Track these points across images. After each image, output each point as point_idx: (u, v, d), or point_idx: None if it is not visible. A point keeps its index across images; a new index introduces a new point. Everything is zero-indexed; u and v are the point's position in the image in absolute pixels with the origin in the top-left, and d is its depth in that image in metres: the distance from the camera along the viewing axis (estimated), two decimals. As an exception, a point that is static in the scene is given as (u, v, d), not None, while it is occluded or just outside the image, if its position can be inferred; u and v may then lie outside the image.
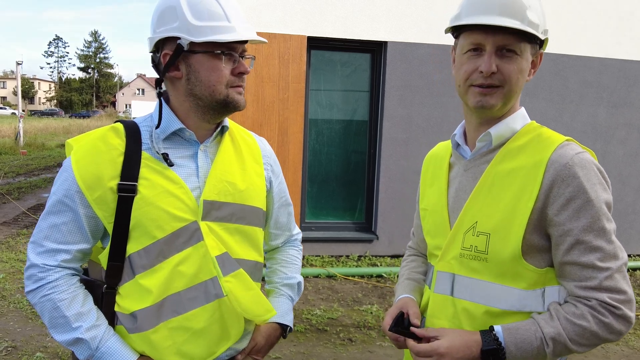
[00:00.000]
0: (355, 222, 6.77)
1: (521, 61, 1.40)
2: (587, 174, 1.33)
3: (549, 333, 1.31)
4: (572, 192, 1.32)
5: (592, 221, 1.32)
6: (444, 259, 1.53)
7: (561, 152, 1.36)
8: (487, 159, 1.48)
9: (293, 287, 1.83)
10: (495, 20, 1.35)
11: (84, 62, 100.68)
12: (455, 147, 1.60)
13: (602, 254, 1.32)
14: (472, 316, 1.44)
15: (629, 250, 7.04)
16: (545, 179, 1.34)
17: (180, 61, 1.47)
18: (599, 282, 1.31)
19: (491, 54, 1.38)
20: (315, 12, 6.12)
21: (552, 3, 6.56)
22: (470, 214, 1.46)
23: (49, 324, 1.46)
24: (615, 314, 1.30)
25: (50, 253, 1.46)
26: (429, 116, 6.44)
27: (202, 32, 1.42)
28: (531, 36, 1.39)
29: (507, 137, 1.47)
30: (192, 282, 1.49)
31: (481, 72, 1.39)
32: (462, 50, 1.45)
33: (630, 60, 6.86)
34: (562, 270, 1.37)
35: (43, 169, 15.22)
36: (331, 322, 4.80)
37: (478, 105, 1.43)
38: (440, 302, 1.53)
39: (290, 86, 6.11)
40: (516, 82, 1.41)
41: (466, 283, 1.46)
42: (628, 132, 7.01)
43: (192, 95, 1.49)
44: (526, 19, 1.36)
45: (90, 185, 1.44)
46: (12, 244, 7.09)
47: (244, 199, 1.60)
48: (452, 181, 1.58)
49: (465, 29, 1.43)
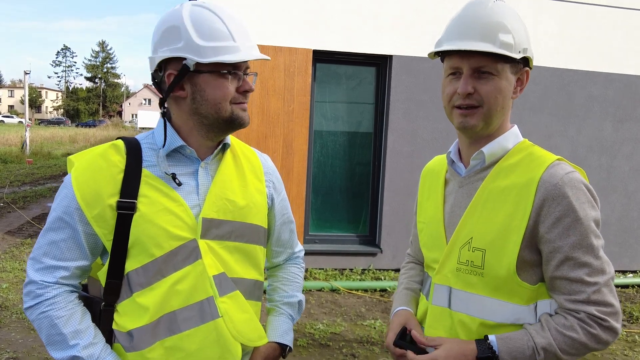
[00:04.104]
0: (359, 235, 6.75)
1: (499, 81, 1.47)
2: (576, 193, 1.40)
3: (540, 343, 1.38)
4: (562, 211, 1.39)
5: (580, 238, 1.39)
6: (440, 272, 1.59)
7: (552, 171, 1.43)
8: (480, 176, 1.55)
9: (294, 306, 1.81)
10: (468, 45, 1.44)
11: (91, 72, 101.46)
12: (450, 163, 1.67)
13: (590, 269, 1.39)
14: (468, 328, 1.50)
15: (634, 267, 6.98)
16: (537, 198, 1.41)
17: (185, 81, 1.46)
18: (587, 295, 1.38)
19: (467, 76, 1.47)
20: (320, 26, 6.14)
21: (557, 18, 6.57)
22: (466, 230, 1.53)
23: (46, 341, 1.45)
24: (603, 325, 1.38)
25: (48, 270, 1.45)
26: (434, 129, 6.43)
27: (208, 52, 1.41)
28: (507, 57, 1.45)
29: (499, 155, 1.54)
30: (187, 301, 1.47)
31: (459, 93, 1.47)
32: (445, 73, 1.55)
33: (636, 75, 6.84)
34: (552, 284, 1.44)
35: (49, 178, 15.28)
36: (334, 336, 4.76)
37: (461, 125, 1.51)
38: (438, 313, 1.59)
39: (296, 98, 6.12)
40: (495, 102, 1.47)
41: (462, 296, 1.52)
42: (634, 147, 6.97)
43: (197, 114, 1.49)
44: (498, 41, 1.43)
45: (89, 203, 1.43)
46: (16, 254, 7.09)
47: (244, 217, 1.58)
48: (448, 197, 1.64)
49: (446, 53, 1.52)
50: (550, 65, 6.54)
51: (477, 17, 1.47)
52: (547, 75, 6.56)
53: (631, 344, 4.87)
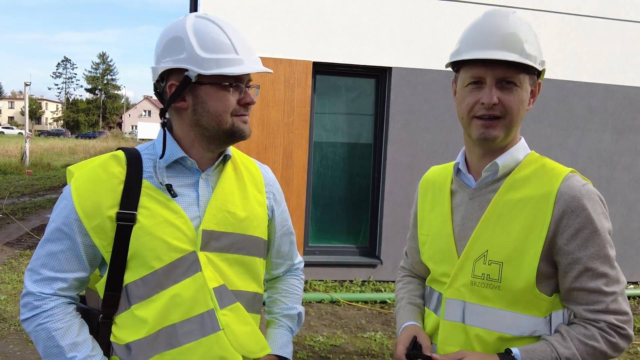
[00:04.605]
0: (359, 246, 6.73)
1: (521, 92, 1.47)
2: (593, 205, 1.42)
3: (563, 354, 1.38)
4: (581, 223, 1.40)
5: (598, 249, 1.41)
6: (452, 286, 1.55)
7: (568, 183, 1.44)
8: (493, 188, 1.53)
9: (293, 318, 1.79)
10: (494, 54, 1.42)
11: (92, 83, 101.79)
12: (456, 173, 1.65)
13: (607, 280, 1.41)
14: (484, 342, 1.49)
15: (635, 277, 6.95)
16: (556, 210, 1.42)
17: (186, 92, 1.46)
18: (606, 305, 1.40)
19: (492, 86, 1.45)
20: (320, 38, 6.17)
21: (557, 30, 6.60)
22: (480, 242, 1.50)
23: (43, 354, 1.43)
24: (621, 333, 1.41)
25: (46, 281, 1.44)
26: (433, 141, 6.43)
27: (210, 64, 1.41)
28: (529, 68, 1.46)
29: (511, 167, 1.53)
30: (188, 314, 1.46)
31: (483, 103, 1.45)
32: (464, 83, 1.51)
33: (635, 87, 6.87)
34: (569, 295, 1.45)
35: (48, 189, 15.26)
36: (334, 349, 4.73)
37: (481, 137, 1.49)
38: (451, 329, 1.55)
39: (296, 110, 6.13)
40: (517, 113, 1.47)
41: (478, 310, 1.50)
42: (633, 159, 6.98)
43: (198, 125, 1.48)
44: (524, 52, 1.43)
45: (89, 214, 1.42)
46: (15, 265, 7.06)
47: (244, 229, 1.57)
48: (457, 209, 1.61)
49: (466, 63, 1.50)
50: (550, 77, 6.56)
51: (499, 28, 1.45)
52: (546, 87, 6.57)
53: (633, 355, 4.84)
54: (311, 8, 6.14)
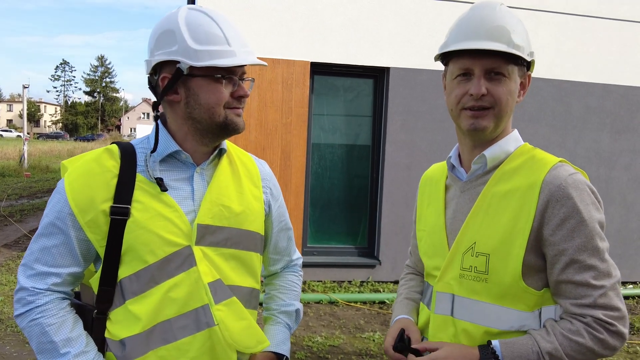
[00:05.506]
0: (358, 247, 6.71)
1: (510, 83, 1.46)
2: (580, 194, 1.38)
3: (545, 348, 1.34)
4: (567, 213, 1.36)
5: (585, 240, 1.36)
6: (442, 280, 1.55)
7: (555, 173, 1.41)
8: (482, 180, 1.53)
9: (291, 315, 1.77)
10: (482, 44, 1.41)
11: (90, 86, 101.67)
12: (451, 168, 1.65)
13: (596, 273, 1.36)
14: (471, 337, 1.47)
15: (635, 277, 6.95)
16: (541, 200, 1.39)
17: (179, 85, 1.45)
18: (594, 299, 1.35)
19: (480, 77, 1.44)
20: (318, 39, 6.16)
21: (554, 30, 6.60)
22: (469, 234, 1.50)
23: (36, 349, 1.42)
24: (610, 330, 1.35)
25: (40, 276, 1.42)
26: (432, 141, 6.43)
27: (202, 56, 1.40)
28: (518, 58, 1.46)
29: (501, 159, 1.52)
30: (182, 310, 1.44)
31: (471, 95, 1.45)
32: (452, 75, 1.52)
33: (633, 87, 6.87)
34: (557, 289, 1.41)
35: (46, 192, 15.23)
36: (332, 349, 4.71)
37: (471, 127, 1.48)
38: (440, 322, 1.55)
39: (293, 110, 6.12)
40: (506, 103, 1.46)
41: (466, 304, 1.49)
42: (632, 158, 6.97)
43: (191, 118, 1.47)
44: (512, 42, 1.42)
45: (82, 208, 1.41)
46: (12, 267, 7.04)
47: (240, 223, 1.56)
48: (449, 203, 1.62)
49: (454, 55, 1.50)
50: (547, 77, 6.56)
51: (487, 19, 1.45)
52: (544, 87, 6.58)
53: (633, 355, 4.83)
54: (309, 8, 6.13)
